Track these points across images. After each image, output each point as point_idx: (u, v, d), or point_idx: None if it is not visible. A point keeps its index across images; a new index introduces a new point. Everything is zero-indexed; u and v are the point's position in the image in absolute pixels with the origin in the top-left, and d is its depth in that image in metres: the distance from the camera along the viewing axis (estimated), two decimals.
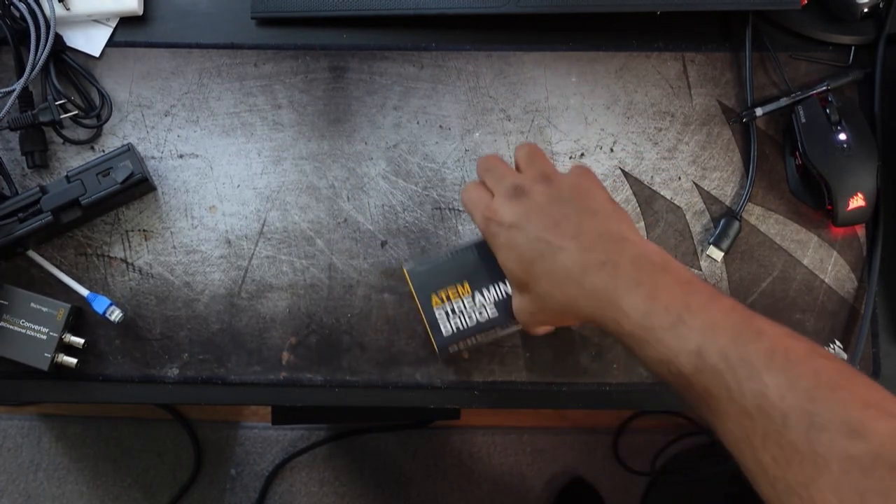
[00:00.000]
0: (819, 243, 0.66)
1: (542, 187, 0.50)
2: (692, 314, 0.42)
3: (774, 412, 0.38)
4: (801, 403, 0.38)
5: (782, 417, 0.38)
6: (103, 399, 0.64)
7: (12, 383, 0.63)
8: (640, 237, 0.49)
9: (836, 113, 0.63)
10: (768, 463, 0.38)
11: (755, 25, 0.67)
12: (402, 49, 0.68)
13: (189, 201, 0.65)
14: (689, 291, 0.44)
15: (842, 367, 0.40)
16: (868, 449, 0.36)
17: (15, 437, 1.33)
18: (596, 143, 0.67)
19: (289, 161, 0.66)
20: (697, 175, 0.66)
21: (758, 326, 0.42)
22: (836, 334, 0.65)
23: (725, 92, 0.68)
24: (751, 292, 0.65)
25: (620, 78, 0.68)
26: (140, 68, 0.67)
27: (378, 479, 1.33)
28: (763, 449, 0.38)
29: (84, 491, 1.32)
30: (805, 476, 0.36)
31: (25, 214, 0.60)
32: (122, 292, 0.64)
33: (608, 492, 1.33)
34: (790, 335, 0.41)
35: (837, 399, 0.37)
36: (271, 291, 0.64)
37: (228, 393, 0.64)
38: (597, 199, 0.50)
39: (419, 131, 0.67)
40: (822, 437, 0.36)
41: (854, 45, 0.67)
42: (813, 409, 0.37)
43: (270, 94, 0.67)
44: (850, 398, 0.38)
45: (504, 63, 0.68)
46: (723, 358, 0.40)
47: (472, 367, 0.64)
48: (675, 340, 0.42)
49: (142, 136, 0.66)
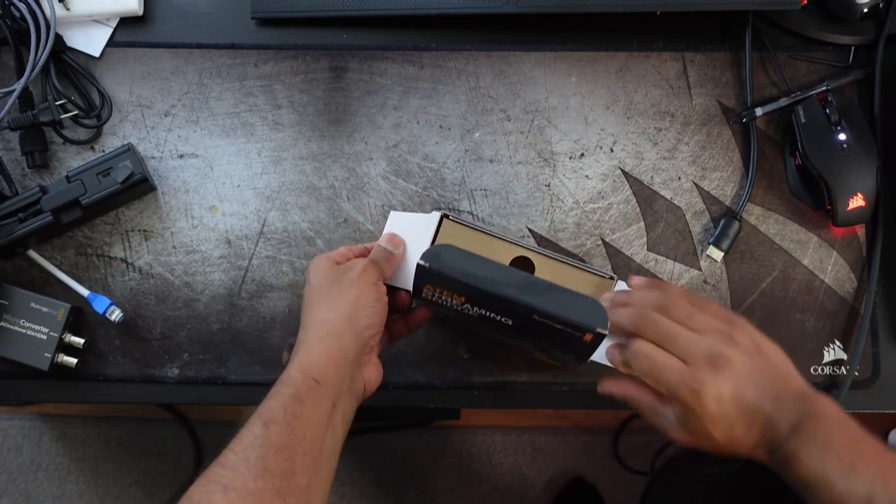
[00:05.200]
0: (819, 243, 0.66)
1: (737, 353, 0.51)
2: (864, 463, 0.47)
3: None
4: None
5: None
6: (103, 399, 0.64)
7: (12, 383, 0.63)
8: (808, 385, 0.51)
9: (836, 113, 0.63)
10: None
11: (755, 25, 0.67)
12: (402, 49, 0.68)
13: (189, 201, 0.65)
14: (860, 443, 0.49)
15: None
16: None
17: (15, 437, 1.33)
18: (596, 143, 0.67)
19: (289, 161, 0.66)
20: (697, 175, 0.66)
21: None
22: (835, 334, 0.65)
23: (725, 92, 0.68)
24: (751, 292, 0.65)
25: (620, 78, 0.68)
26: (140, 68, 0.67)
27: (378, 478, 1.33)
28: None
29: (84, 491, 1.32)
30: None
31: (25, 214, 0.60)
32: (122, 292, 0.64)
33: (608, 492, 1.32)
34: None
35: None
36: (271, 291, 0.64)
37: (228, 393, 0.64)
38: (773, 351, 0.53)
39: (419, 131, 0.67)
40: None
41: (854, 45, 0.67)
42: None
43: (270, 94, 0.67)
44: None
45: (504, 63, 0.68)
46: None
47: (472, 367, 0.64)
48: (846, 487, 0.46)
49: (142, 136, 0.66)
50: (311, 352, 0.51)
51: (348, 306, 0.53)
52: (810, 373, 0.64)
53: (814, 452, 0.48)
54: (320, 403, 0.49)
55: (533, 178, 0.66)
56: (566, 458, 1.34)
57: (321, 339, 0.52)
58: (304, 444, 0.47)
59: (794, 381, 0.52)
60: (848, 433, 0.49)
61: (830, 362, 0.64)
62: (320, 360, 0.51)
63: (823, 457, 0.47)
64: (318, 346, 0.51)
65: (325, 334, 0.52)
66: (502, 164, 0.66)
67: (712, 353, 0.51)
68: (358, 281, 0.54)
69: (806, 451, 0.48)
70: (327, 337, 0.52)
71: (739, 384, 0.50)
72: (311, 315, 0.53)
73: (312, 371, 0.50)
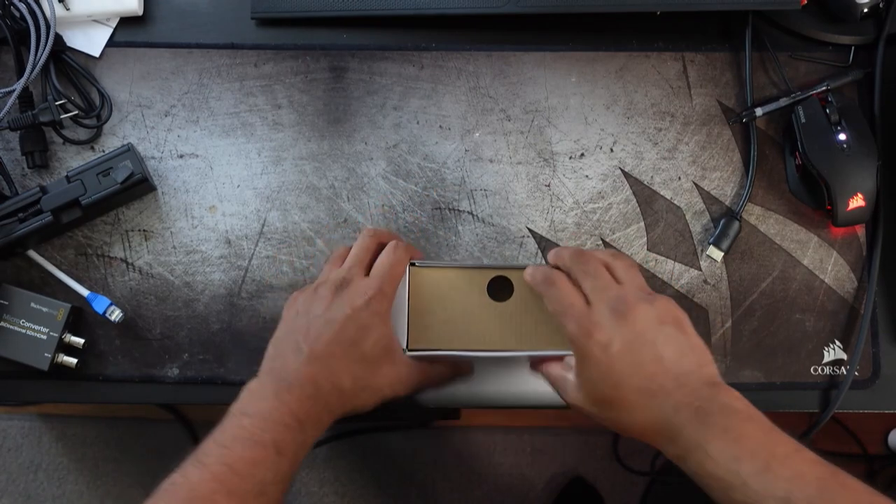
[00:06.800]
0: (819, 243, 0.65)
1: (646, 308, 0.49)
2: (779, 462, 0.44)
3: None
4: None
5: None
6: (103, 399, 0.64)
7: (12, 383, 0.63)
8: (719, 377, 0.49)
9: (836, 113, 0.63)
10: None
11: (755, 25, 0.67)
12: (402, 49, 0.68)
13: (189, 201, 0.65)
14: (773, 440, 0.46)
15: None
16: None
17: (15, 437, 1.33)
18: (596, 143, 0.67)
19: (289, 161, 0.66)
20: (697, 175, 0.66)
21: (842, 480, 0.44)
22: (835, 334, 0.65)
23: (725, 92, 0.67)
24: (751, 292, 0.65)
25: (620, 78, 0.68)
26: (140, 68, 0.67)
27: (378, 479, 1.33)
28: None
29: (84, 491, 1.32)
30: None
31: (25, 214, 0.60)
32: (122, 292, 0.64)
33: (608, 492, 1.32)
34: (873, 493, 0.43)
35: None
36: (271, 291, 0.64)
37: (228, 393, 0.63)
38: (692, 334, 0.50)
39: (419, 131, 0.67)
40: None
41: (854, 45, 0.67)
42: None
43: (270, 94, 0.67)
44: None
45: (504, 63, 0.68)
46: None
47: None
48: (762, 486, 0.44)
49: (142, 136, 0.66)
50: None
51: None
52: (810, 373, 0.64)
53: (726, 448, 0.45)
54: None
55: (533, 178, 0.66)
56: (566, 458, 1.34)
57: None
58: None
59: (707, 367, 0.49)
60: (760, 429, 0.46)
61: (830, 362, 0.64)
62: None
63: (738, 454, 0.45)
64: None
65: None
66: (502, 164, 0.66)
67: (619, 300, 0.49)
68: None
69: (717, 447, 0.45)
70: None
71: (635, 341, 0.47)
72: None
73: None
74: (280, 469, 0.48)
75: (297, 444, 0.50)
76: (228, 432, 0.49)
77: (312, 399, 0.51)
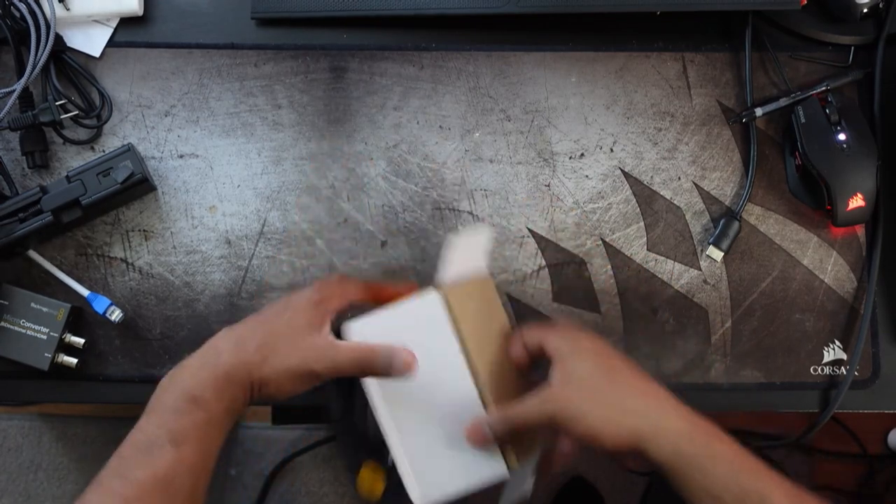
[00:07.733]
0: (819, 243, 0.66)
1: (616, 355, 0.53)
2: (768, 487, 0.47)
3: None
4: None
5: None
6: (103, 399, 0.64)
7: (12, 383, 0.63)
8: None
9: (836, 113, 0.63)
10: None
11: (755, 25, 0.67)
12: (402, 49, 0.68)
13: (189, 201, 0.65)
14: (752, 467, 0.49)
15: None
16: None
17: (15, 437, 1.33)
18: (596, 143, 0.67)
19: (289, 161, 0.66)
20: (697, 175, 0.66)
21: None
22: (835, 334, 0.65)
23: (725, 92, 0.68)
24: (751, 292, 0.65)
25: (620, 78, 0.68)
26: (140, 68, 0.67)
27: None
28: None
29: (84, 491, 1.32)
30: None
31: (26, 214, 0.60)
32: (122, 292, 0.64)
33: (608, 492, 1.32)
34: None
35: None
36: (271, 291, 0.64)
37: None
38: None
39: (419, 131, 0.67)
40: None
41: (854, 45, 0.67)
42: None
43: (270, 95, 0.67)
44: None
45: (504, 63, 0.68)
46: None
47: None
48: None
49: (142, 137, 0.66)
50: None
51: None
52: (810, 373, 0.64)
53: (723, 467, 0.47)
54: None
55: (533, 178, 0.66)
56: None
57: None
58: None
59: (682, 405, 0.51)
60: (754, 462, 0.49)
61: (830, 362, 0.64)
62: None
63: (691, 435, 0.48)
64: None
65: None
66: (502, 164, 0.66)
67: (594, 338, 0.53)
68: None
69: (716, 466, 0.47)
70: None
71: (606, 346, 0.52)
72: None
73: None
74: (183, 459, 0.47)
75: (197, 427, 0.48)
76: (128, 440, 0.48)
77: (210, 368, 0.49)
